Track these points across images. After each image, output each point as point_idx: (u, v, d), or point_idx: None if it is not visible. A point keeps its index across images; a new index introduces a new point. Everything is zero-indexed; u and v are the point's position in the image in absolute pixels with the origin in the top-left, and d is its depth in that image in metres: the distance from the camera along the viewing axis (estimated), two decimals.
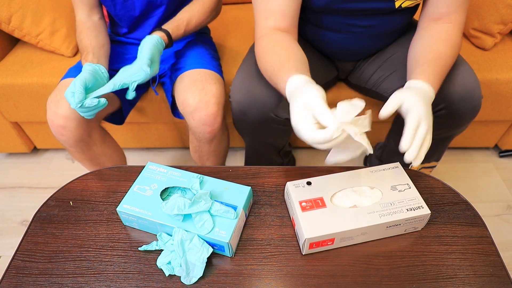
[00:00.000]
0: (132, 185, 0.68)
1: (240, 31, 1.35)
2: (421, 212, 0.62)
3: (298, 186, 0.66)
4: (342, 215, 0.62)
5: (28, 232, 0.67)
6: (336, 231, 0.59)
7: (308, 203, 0.63)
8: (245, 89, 0.83)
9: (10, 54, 1.29)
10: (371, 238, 0.64)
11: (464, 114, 0.84)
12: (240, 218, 0.63)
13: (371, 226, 0.60)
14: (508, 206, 1.29)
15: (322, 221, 0.61)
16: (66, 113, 0.89)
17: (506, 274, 0.59)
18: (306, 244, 0.60)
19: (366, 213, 0.62)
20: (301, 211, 0.62)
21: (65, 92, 0.82)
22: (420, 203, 0.63)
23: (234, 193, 0.66)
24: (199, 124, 0.94)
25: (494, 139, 1.40)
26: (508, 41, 1.26)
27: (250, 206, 0.69)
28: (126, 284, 0.59)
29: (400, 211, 0.62)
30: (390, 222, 0.61)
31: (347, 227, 0.60)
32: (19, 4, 1.18)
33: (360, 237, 0.62)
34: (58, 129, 0.91)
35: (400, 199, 0.64)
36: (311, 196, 0.65)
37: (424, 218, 0.63)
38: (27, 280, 0.60)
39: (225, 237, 0.59)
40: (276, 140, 0.99)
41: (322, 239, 0.60)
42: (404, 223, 0.62)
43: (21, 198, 1.36)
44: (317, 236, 0.59)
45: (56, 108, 0.89)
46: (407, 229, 0.64)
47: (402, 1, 0.79)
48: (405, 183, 0.66)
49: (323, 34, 0.91)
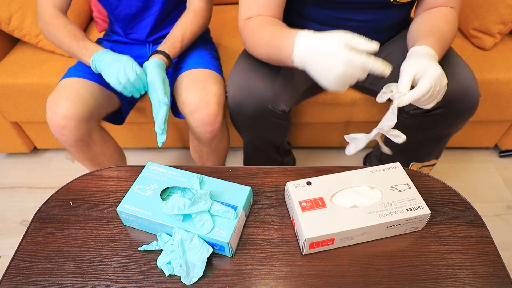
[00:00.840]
0: (132, 185, 0.68)
1: None
2: (421, 212, 0.62)
3: (298, 186, 0.66)
4: (342, 215, 0.62)
5: (28, 232, 0.67)
6: (336, 231, 0.59)
7: (308, 203, 0.63)
8: (240, 82, 0.84)
9: (10, 54, 1.29)
10: (371, 238, 0.64)
11: (462, 112, 0.84)
12: (240, 218, 0.63)
13: (371, 226, 0.60)
14: (508, 206, 1.29)
15: (322, 221, 0.61)
16: (65, 113, 0.89)
17: (506, 274, 0.59)
18: (306, 244, 0.60)
19: (366, 213, 0.62)
20: (301, 211, 0.62)
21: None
22: (420, 203, 0.63)
23: (234, 193, 0.66)
24: (199, 124, 0.94)
25: (494, 139, 1.40)
26: (508, 41, 1.26)
27: (250, 206, 0.69)
28: (126, 284, 0.59)
29: (400, 211, 0.62)
30: (390, 222, 0.61)
31: (347, 227, 0.60)
32: (19, 4, 1.18)
33: (360, 237, 0.62)
34: (57, 129, 0.91)
35: (400, 199, 0.64)
36: (311, 196, 0.65)
37: (424, 218, 0.63)
38: (27, 280, 0.60)
39: (225, 237, 0.59)
40: (273, 136, 0.99)
41: (322, 239, 0.60)
42: (404, 223, 0.62)
43: (21, 198, 1.36)
44: (317, 236, 0.59)
45: (55, 108, 0.89)
46: (407, 229, 0.64)
47: None
48: (405, 183, 0.66)
49: (320, 30, 0.92)
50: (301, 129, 1.35)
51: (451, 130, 0.93)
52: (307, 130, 1.36)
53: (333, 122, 1.29)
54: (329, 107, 1.18)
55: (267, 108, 0.84)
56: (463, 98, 0.81)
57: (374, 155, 1.28)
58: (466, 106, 0.83)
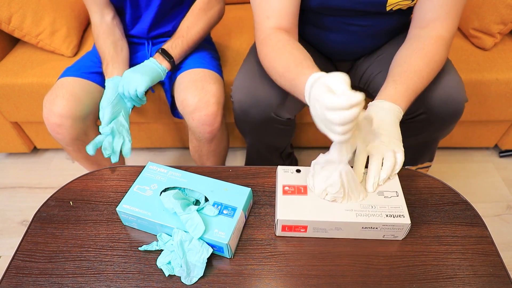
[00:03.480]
0: (132, 185, 0.68)
1: (240, 31, 1.35)
2: (400, 221, 0.60)
3: (287, 172, 0.68)
4: (319, 206, 0.62)
5: (28, 232, 0.67)
6: (309, 219, 0.61)
7: (290, 188, 0.65)
8: (247, 89, 0.83)
9: (10, 54, 1.29)
10: (347, 236, 0.64)
11: (445, 118, 0.83)
12: (240, 219, 0.63)
13: (345, 222, 0.60)
14: (508, 206, 1.29)
15: (298, 207, 0.62)
16: (61, 112, 0.89)
17: (506, 274, 0.59)
18: (279, 226, 0.62)
19: (343, 209, 0.62)
20: (281, 194, 0.64)
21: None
22: (402, 212, 0.62)
23: (234, 194, 0.66)
24: (198, 124, 0.94)
25: (494, 139, 1.40)
26: (508, 41, 1.26)
27: (250, 207, 0.69)
28: (126, 284, 0.59)
29: (379, 215, 0.61)
30: (365, 223, 0.60)
31: (320, 218, 0.61)
32: (19, 4, 1.18)
33: (335, 231, 0.62)
34: (53, 127, 0.91)
35: (383, 204, 0.63)
36: (296, 182, 0.66)
37: (403, 228, 0.61)
38: (27, 280, 0.60)
39: (224, 238, 0.59)
40: (277, 141, 0.99)
41: (295, 223, 0.61)
42: (382, 228, 0.61)
43: (21, 198, 1.36)
44: (289, 220, 0.61)
45: (51, 106, 0.89)
46: (385, 235, 0.63)
47: (393, 5, 0.79)
48: (394, 190, 0.65)
49: (322, 34, 0.92)
50: (302, 129, 1.35)
51: (439, 134, 0.92)
52: (308, 130, 1.36)
53: None
54: None
55: (272, 116, 0.84)
56: (446, 105, 0.80)
57: None
58: (449, 112, 0.81)
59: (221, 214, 0.62)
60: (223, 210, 0.63)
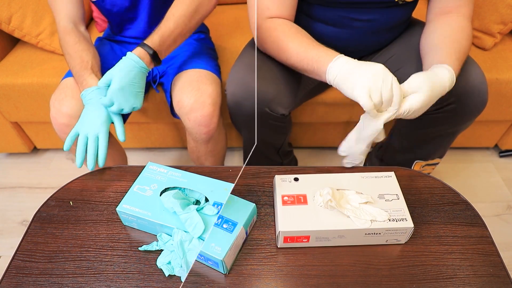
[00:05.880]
0: (132, 185, 0.68)
1: (239, 31, 1.35)
2: (403, 225, 0.60)
3: (285, 181, 0.67)
4: (321, 215, 0.61)
5: (28, 232, 0.67)
6: (312, 229, 0.60)
7: (290, 198, 0.64)
8: (240, 81, 0.83)
9: (10, 54, 1.29)
10: (350, 243, 0.63)
11: (473, 108, 0.85)
12: (239, 236, 0.60)
13: (348, 230, 0.60)
14: (508, 206, 1.29)
15: (299, 217, 0.61)
16: (69, 112, 0.88)
17: (506, 274, 0.59)
18: (281, 238, 0.61)
19: (345, 217, 0.61)
20: (281, 205, 0.63)
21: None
22: (404, 215, 0.61)
23: (237, 208, 0.63)
24: (195, 125, 0.93)
25: (494, 139, 1.40)
26: (508, 41, 1.26)
27: (253, 223, 0.67)
28: (126, 284, 0.59)
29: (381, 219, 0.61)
30: (368, 229, 0.60)
31: (323, 227, 0.60)
32: (19, 4, 1.18)
33: (337, 239, 0.62)
34: (61, 128, 0.91)
35: (385, 208, 0.62)
36: (295, 192, 0.65)
37: (406, 231, 0.61)
38: (27, 280, 0.60)
39: (219, 254, 0.56)
40: (272, 138, 0.98)
41: (297, 234, 0.60)
42: (385, 233, 0.61)
43: (21, 198, 1.36)
44: (292, 231, 0.60)
45: (60, 106, 0.89)
46: (388, 239, 0.62)
47: None
48: (395, 193, 0.65)
49: (326, 30, 0.91)
50: (302, 129, 1.35)
51: (458, 128, 0.94)
52: (308, 130, 1.36)
53: (333, 122, 1.29)
54: (329, 107, 1.18)
55: (266, 111, 0.83)
56: (475, 94, 0.83)
57: (375, 155, 1.28)
58: (478, 102, 0.84)
59: (221, 227, 0.60)
60: (223, 224, 0.60)
